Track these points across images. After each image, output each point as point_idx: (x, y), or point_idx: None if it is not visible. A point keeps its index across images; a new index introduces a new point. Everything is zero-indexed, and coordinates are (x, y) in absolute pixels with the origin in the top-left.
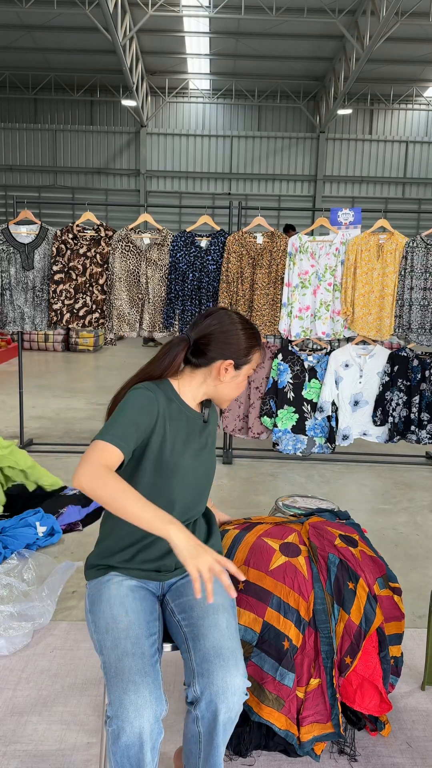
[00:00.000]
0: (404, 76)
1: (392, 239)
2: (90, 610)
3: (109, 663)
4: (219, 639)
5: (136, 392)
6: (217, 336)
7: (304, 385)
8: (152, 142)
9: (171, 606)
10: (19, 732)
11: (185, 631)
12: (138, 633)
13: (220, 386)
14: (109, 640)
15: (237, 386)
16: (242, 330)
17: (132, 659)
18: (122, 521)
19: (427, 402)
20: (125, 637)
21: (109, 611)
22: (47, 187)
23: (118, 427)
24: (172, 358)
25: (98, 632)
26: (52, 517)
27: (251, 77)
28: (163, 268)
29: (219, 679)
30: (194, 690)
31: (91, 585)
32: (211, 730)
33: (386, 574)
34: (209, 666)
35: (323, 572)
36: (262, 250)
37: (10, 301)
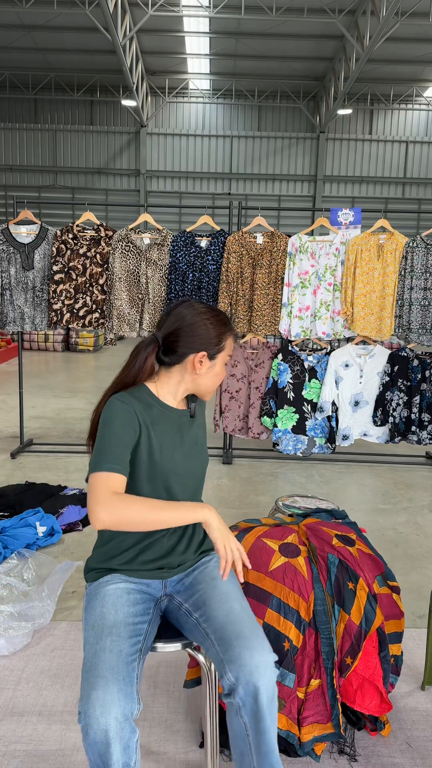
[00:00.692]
0: (404, 76)
1: (392, 239)
2: (84, 608)
3: (86, 658)
4: (236, 623)
5: (113, 408)
6: (184, 330)
7: (304, 385)
8: (152, 142)
9: (186, 607)
10: (19, 732)
11: (204, 627)
12: (121, 631)
13: (199, 379)
14: (92, 635)
15: (215, 376)
16: (208, 319)
17: (107, 655)
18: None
19: (427, 402)
20: (108, 634)
21: (99, 609)
22: (47, 187)
23: (108, 451)
24: (142, 362)
25: (86, 628)
26: (52, 517)
27: (251, 77)
28: (163, 268)
29: (248, 658)
30: (229, 679)
31: (90, 587)
32: (256, 714)
33: (385, 572)
34: (235, 650)
35: (323, 573)
36: (262, 250)
37: (10, 301)
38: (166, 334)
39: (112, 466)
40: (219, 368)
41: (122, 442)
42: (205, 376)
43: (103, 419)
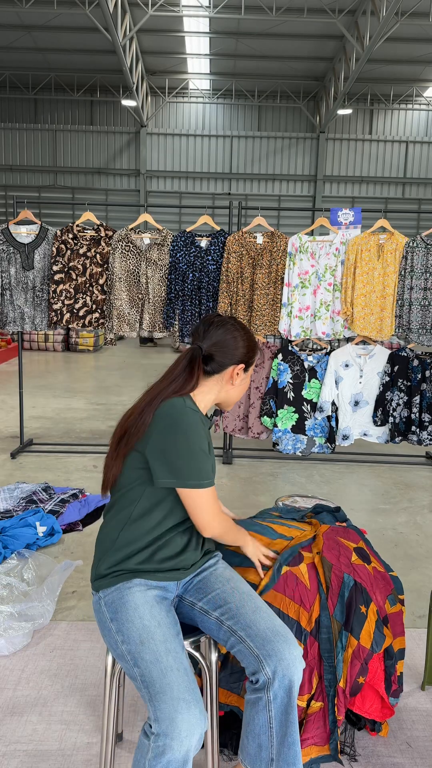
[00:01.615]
0: (404, 76)
1: (392, 239)
2: (113, 618)
3: (151, 677)
4: (269, 619)
5: (192, 417)
6: (226, 342)
7: (304, 385)
8: (152, 142)
9: (200, 606)
10: (19, 732)
11: (229, 625)
12: (175, 647)
13: (231, 390)
14: (146, 653)
15: (244, 387)
16: (245, 334)
17: (177, 675)
18: (143, 528)
19: (427, 402)
20: (165, 651)
21: (139, 621)
22: (47, 187)
23: (206, 465)
24: (196, 373)
25: (129, 643)
26: (52, 517)
27: (251, 77)
28: (163, 268)
29: (287, 653)
30: (265, 673)
31: (109, 592)
32: (287, 706)
33: (394, 588)
34: (273, 645)
35: (333, 598)
36: (262, 250)
37: (10, 301)
38: (210, 345)
39: (211, 480)
40: (248, 380)
41: (209, 453)
42: (237, 387)
43: (188, 431)
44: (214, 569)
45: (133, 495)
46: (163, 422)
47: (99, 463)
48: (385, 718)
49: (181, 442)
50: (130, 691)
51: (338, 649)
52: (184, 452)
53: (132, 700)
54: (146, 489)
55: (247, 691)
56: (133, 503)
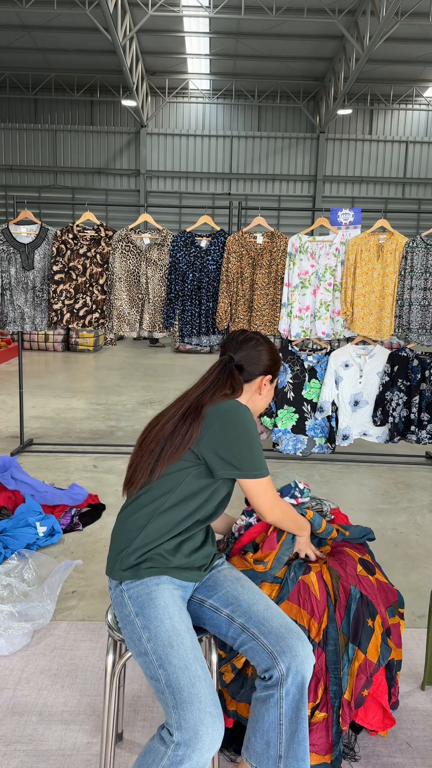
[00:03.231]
0: (404, 76)
1: (392, 239)
2: (139, 613)
3: (179, 684)
4: (281, 617)
5: (248, 414)
6: (255, 354)
7: (304, 385)
8: (152, 142)
9: (210, 603)
10: (19, 732)
11: (240, 622)
12: (201, 655)
13: (258, 400)
14: (175, 657)
15: (268, 398)
16: (270, 347)
17: (205, 685)
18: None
19: (427, 402)
20: (194, 659)
21: (169, 622)
22: (47, 187)
23: (262, 455)
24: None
25: (156, 642)
26: (53, 517)
27: (251, 77)
28: (163, 268)
29: (300, 649)
30: (279, 670)
31: (134, 585)
32: (298, 702)
33: (397, 601)
34: (288, 642)
35: (341, 610)
36: (262, 250)
37: (10, 301)
38: (240, 357)
39: (268, 470)
40: (272, 391)
41: (261, 447)
42: (264, 397)
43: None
44: (221, 568)
45: (169, 485)
46: (221, 418)
47: (99, 463)
48: (387, 728)
49: (243, 434)
50: (130, 691)
51: (344, 661)
52: (246, 444)
53: (132, 700)
54: (183, 480)
55: (258, 689)
56: (168, 493)
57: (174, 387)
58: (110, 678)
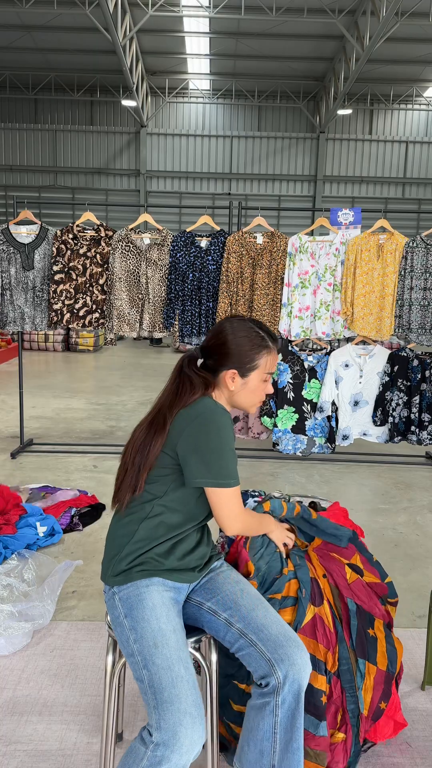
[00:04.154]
0: (404, 76)
1: (392, 239)
2: (128, 615)
3: (160, 684)
4: (279, 624)
5: (224, 419)
6: (219, 346)
7: (304, 385)
8: (152, 142)
9: (208, 606)
10: (19, 732)
11: (239, 627)
12: (186, 656)
13: (234, 396)
14: (159, 657)
15: (252, 393)
16: (245, 337)
17: (187, 687)
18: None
19: (427, 402)
20: (177, 659)
21: (156, 623)
22: (47, 187)
23: (232, 465)
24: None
25: (142, 643)
26: (52, 517)
27: (251, 77)
28: (163, 268)
29: (298, 658)
30: (276, 677)
31: (125, 588)
32: (294, 711)
33: (387, 594)
34: (285, 650)
35: (347, 628)
36: (262, 250)
37: (10, 301)
38: (204, 348)
39: (237, 480)
40: (254, 385)
41: (235, 455)
42: (239, 393)
43: (215, 427)
44: (220, 570)
45: (156, 490)
46: (193, 422)
47: (99, 463)
48: (396, 734)
49: (214, 439)
50: (130, 691)
51: (358, 678)
52: (216, 449)
53: (132, 700)
54: (171, 485)
55: (253, 696)
56: (156, 499)
57: None
58: (110, 678)
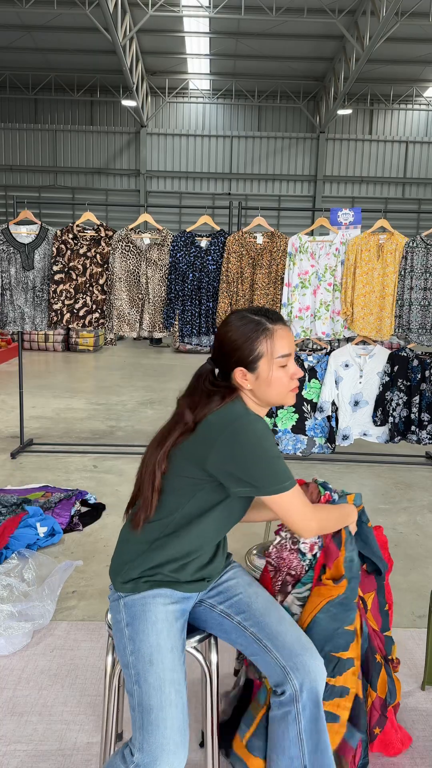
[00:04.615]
0: (404, 76)
1: (392, 239)
2: (129, 624)
3: (149, 704)
4: (294, 631)
5: (260, 423)
6: (220, 351)
7: (304, 385)
8: (152, 142)
9: (221, 608)
10: (19, 732)
11: (253, 632)
12: (180, 677)
13: (257, 393)
14: (152, 676)
15: (271, 384)
16: (236, 330)
17: (175, 711)
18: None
19: (427, 402)
20: (170, 681)
21: (155, 639)
22: (47, 187)
23: (281, 465)
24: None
25: (138, 657)
26: (52, 517)
27: (251, 77)
28: (163, 268)
29: (313, 666)
30: (293, 685)
31: (133, 600)
32: (316, 716)
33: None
34: (301, 658)
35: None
36: (262, 250)
37: (10, 301)
38: (212, 358)
39: (293, 480)
40: (268, 375)
41: (280, 456)
42: (259, 390)
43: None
44: (233, 572)
45: (177, 502)
46: (225, 432)
47: (99, 463)
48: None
49: (254, 446)
50: None
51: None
52: (259, 457)
53: None
54: (193, 497)
55: (273, 707)
56: (176, 510)
57: (174, 387)
58: (110, 678)
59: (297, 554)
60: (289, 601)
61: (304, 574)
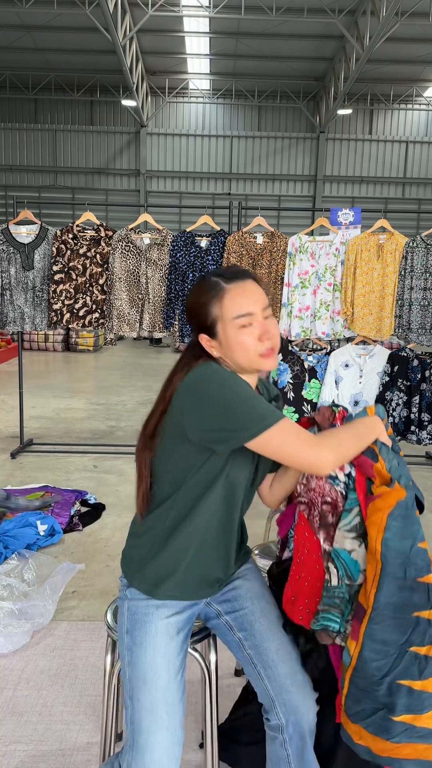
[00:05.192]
0: (404, 76)
1: (392, 239)
2: (130, 631)
3: (140, 724)
4: (290, 662)
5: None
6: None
7: (304, 385)
8: (152, 142)
9: (226, 618)
10: (19, 732)
11: (250, 653)
12: (173, 696)
13: (226, 360)
14: (145, 694)
15: (234, 348)
16: (193, 295)
17: (166, 734)
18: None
19: (427, 402)
20: (163, 702)
21: (151, 654)
22: (47, 187)
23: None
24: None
25: (134, 671)
26: (52, 517)
27: (251, 77)
28: (163, 268)
29: (301, 704)
30: (278, 718)
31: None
32: (302, 748)
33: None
34: (290, 695)
35: None
36: (262, 250)
37: (10, 301)
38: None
39: (277, 415)
40: (227, 338)
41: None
42: (226, 355)
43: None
44: (245, 579)
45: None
46: (190, 390)
47: (99, 463)
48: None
49: (224, 392)
50: None
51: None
52: (231, 401)
53: None
54: (187, 478)
55: (265, 725)
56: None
57: None
58: (109, 677)
59: (327, 480)
60: (339, 539)
61: (345, 500)
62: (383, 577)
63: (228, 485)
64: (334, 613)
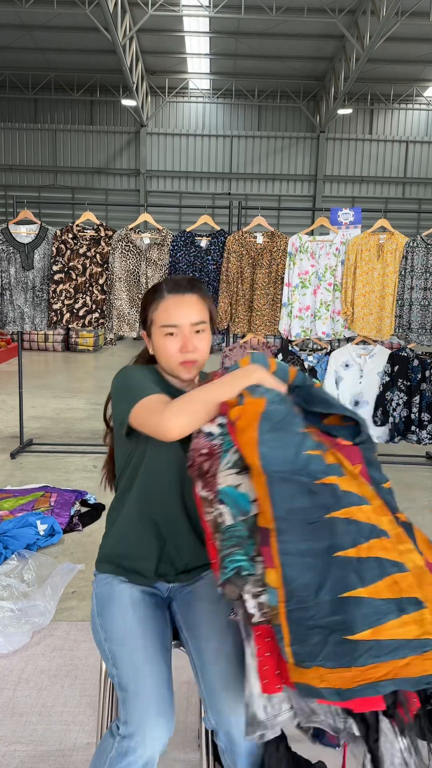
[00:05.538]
0: (404, 76)
1: (392, 239)
2: (99, 612)
3: (126, 681)
4: (225, 664)
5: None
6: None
7: None
8: (152, 142)
9: (177, 617)
10: (19, 732)
11: (191, 649)
12: (154, 652)
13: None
14: (125, 654)
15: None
16: (145, 294)
17: (152, 682)
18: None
19: (427, 402)
20: (144, 658)
21: (122, 620)
22: (47, 187)
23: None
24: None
25: (111, 641)
26: (52, 517)
27: (251, 77)
28: (163, 268)
29: (228, 712)
30: (210, 722)
31: (100, 580)
32: (232, 753)
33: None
34: (218, 700)
35: None
36: (262, 250)
37: (10, 301)
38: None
39: (147, 393)
40: (157, 341)
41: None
42: (156, 354)
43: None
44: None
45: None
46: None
47: (99, 463)
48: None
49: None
50: None
51: None
52: (119, 389)
53: None
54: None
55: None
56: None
57: None
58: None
59: (202, 437)
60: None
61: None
62: (271, 486)
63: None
64: (238, 552)
